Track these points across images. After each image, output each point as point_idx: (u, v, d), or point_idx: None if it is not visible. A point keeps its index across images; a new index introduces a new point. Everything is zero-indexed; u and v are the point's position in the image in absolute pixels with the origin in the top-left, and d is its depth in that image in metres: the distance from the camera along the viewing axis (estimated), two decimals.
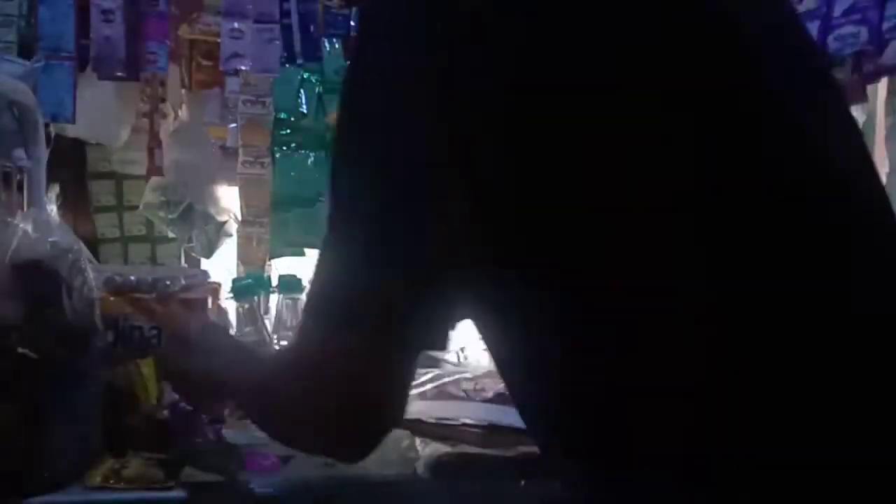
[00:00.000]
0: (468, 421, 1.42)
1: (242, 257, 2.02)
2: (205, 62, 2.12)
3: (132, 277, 1.44)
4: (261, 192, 1.99)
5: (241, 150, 1.98)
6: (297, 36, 1.91)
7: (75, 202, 2.22)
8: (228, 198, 2.19)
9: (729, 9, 0.66)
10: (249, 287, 1.77)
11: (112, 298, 1.38)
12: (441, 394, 1.63)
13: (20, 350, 1.08)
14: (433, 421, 1.42)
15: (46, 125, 1.52)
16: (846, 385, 0.61)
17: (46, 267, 1.13)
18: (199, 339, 1.00)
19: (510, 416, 1.45)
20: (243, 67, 1.87)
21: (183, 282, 1.50)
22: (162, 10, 1.80)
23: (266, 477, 1.21)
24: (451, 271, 0.63)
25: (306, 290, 0.76)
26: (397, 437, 1.41)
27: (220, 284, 1.67)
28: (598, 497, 0.67)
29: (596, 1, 0.62)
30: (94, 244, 2.24)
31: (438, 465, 1.25)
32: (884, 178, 0.99)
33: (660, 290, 0.61)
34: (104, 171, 2.30)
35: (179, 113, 2.17)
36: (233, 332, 1.68)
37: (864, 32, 1.57)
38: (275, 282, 1.83)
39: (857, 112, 1.66)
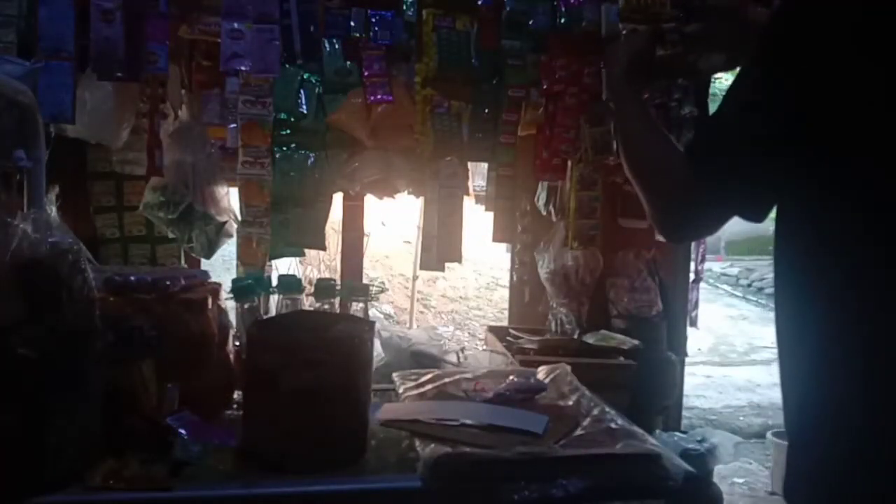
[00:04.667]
0: (468, 421, 1.42)
1: (242, 257, 2.02)
2: (205, 62, 2.12)
3: (132, 277, 1.44)
4: (261, 192, 1.98)
5: (241, 150, 1.98)
6: (297, 36, 1.90)
7: (75, 202, 2.22)
8: (228, 198, 2.19)
9: None
10: (249, 287, 1.77)
11: (112, 298, 1.38)
12: (441, 394, 1.63)
13: (20, 350, 1.08)
14: (433, 421, 1.43)
15: (46, 125, 1.51)
16: None
17: (46, 267, 1.13)
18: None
19: (510, 417, 1.45)
20: (243, 68, 1.86)
21: (183, 282, 1.50)
22: (162, 10, 1.80)
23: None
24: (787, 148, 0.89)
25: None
26: (397, 438, 1.41)
27: (220, 284, 1.67)
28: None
29: None
30: (94, 244, 2.24)
31: (438, 465, 1.25)
32: None
33: None
34: (104, 171, 2.30)
35: (179, 113, 2.16)
36: (233, 331, 1.69)
37: None
38: (275, 282, 1.83)
39: None
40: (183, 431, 1.28)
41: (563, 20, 2.11)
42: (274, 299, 1.81)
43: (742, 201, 0.99)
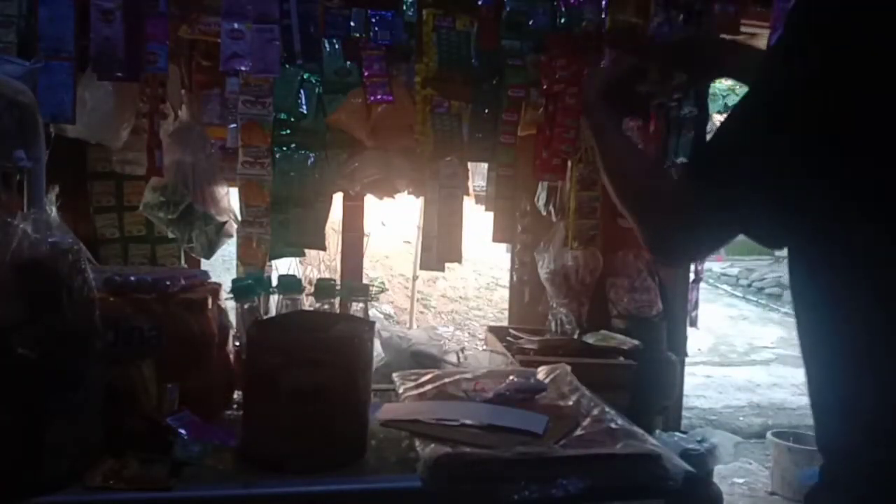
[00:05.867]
0: (468, 421, 1.42)
1: (242, 257, 2.02)
2: (205, 62, 2.12)
3: (132, 277, 1.44)
4: (261, 192, 1.99)
5: (241, 150, 1.98)
6: (296, 36, 1.90)
7: (75, 202, 2.22)
8: (228, 198, 2.20)
9: None
10: (249, 287, 1.77)
11: (112, 298, 1.38)
12: (441, 394, 1.63)
13: (20, 350, 1.08)
14: (433, 421, 1.42)
15: (46, 125, 1.51)
16: None
17: (46, 267, 1.13)
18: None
19: (510, 417, 1.45)
20: (243, 68, 1.86)
21: (183, 282, 1.50)
22: (162, 10, 1.80)
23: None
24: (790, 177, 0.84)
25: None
26: (397, 438, 1.41)
27: (220, 284, 1.67)
28: None
29: None
30: (94, 244, 2.24)
31: (438, 465, 1.25)
32: None
33: None
34: (104, 171, 2.30)
35: (179, 113, 2.17)
36: (233, 332, 1.69)
37: None
38: (275, 282, 1.83)
39: None
40: (183, 431, 1.28)
41: (563, 20, 2.12)
42: (274, 299, 1.81)
43: (748, 220, 0.92)
